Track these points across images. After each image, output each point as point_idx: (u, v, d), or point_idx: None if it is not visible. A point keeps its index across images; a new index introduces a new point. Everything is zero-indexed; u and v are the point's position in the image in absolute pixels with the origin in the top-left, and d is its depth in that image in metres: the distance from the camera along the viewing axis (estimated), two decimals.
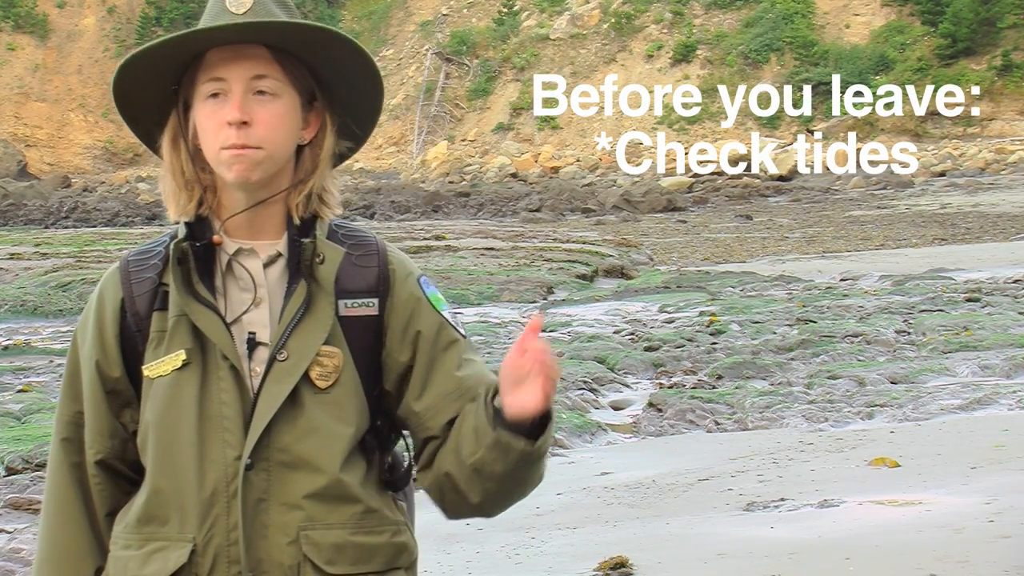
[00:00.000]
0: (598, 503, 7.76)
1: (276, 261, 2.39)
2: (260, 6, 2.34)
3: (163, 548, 2.34)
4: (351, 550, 2.35)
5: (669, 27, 73.46)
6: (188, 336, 2.35)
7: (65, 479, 2.44)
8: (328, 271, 2.37)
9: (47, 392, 12.07)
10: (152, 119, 2.40)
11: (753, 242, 30.66)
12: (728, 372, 12.17)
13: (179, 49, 2.34)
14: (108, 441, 2.42)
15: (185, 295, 2.35)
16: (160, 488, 2.35)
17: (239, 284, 2.38)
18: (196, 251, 2.37)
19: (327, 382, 2.34)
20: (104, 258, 24.87)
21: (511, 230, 32.48)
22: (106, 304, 2.42)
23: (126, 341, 2.40)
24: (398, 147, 73.99)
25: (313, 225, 2.39)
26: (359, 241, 2.44)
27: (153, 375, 2.36)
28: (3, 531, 7.48)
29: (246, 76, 2.33)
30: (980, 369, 11.86)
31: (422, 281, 2.44)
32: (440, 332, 2.41)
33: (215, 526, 2.32)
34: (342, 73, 2.39)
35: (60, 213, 45.37)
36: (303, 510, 2.32)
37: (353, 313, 2.38)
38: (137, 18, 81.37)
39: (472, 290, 20.06)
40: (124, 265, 2.43)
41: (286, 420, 2.32)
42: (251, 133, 2.32)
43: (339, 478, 2.33)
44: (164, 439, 2.35)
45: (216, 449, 2.32)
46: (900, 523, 6.71)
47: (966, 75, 64.78)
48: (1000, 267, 21.73)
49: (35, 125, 78.89)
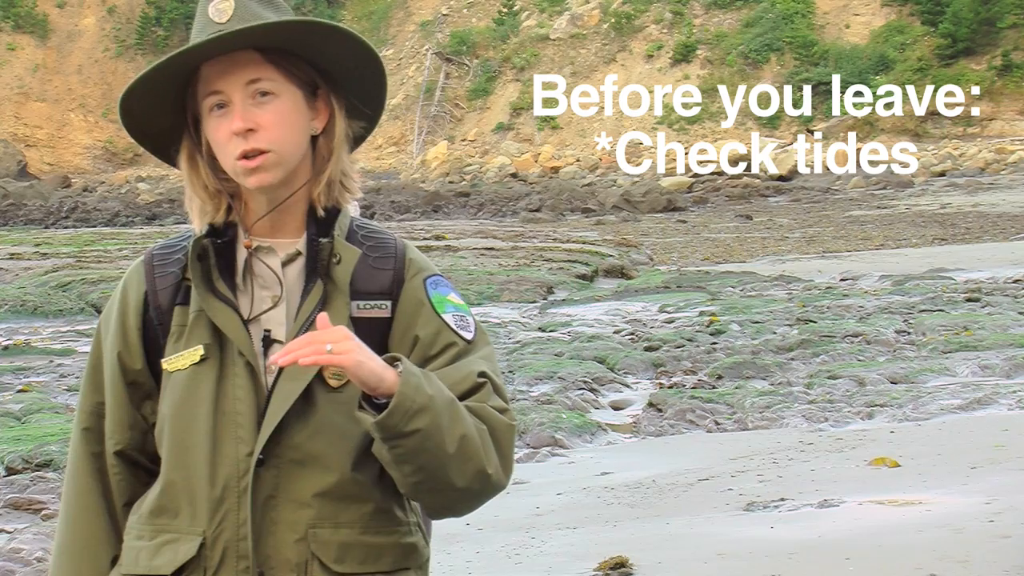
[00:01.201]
0: (598, 503, 7.76)
1: (295, 260, 2.40)
2: (243, 9, 2.34)
3: (173, 540, 2.36)
4: (359, 549, 2.35)
5: (669, 27, 73.45)
6: (207, 332, 2.37)
7: (85, 468, 2.46)
8: (344, 272, 2.37)
9: (47, 392, 12.07)
10: (167, 139, 2.41)
11: (753, 242, 30.66)
12: (728, 372, 12.17)
13: (173, 70, 2.34)
14: (128, 432, 2.44)
15: (204, 291, 2.37)
16: (173, 481, 2.37)
17: (259, 282, 2.39)
18: (217, 248, 2.38)
19: (339, 381, 2.34)
20: (104, 258, 24.87)
21: (511, 230, 32.48)
22: (129, 297, 2.44)
23: (148, 334, 2.42)
24: (398, 147, 73.99)
25: (333, 223, 2.40)
26: (378, 242, 2.45)
27: (171, 369, 2.38)
28: (3, 531, 7.48)
29: (241, 83, 2.33)
30: (980, 369, 11.86)
31: (428, 282, 2.44)
32: (437, 336, 2.40)
33: (225, 521, 2.33)
34: (336, 59, 2.39)
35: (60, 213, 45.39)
36: (312, 508, 2.33)
37: (366, 315, 2.39)
38: (137, 18, 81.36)
39: (472, 290, 20.07)
40: (149, 259, 2.45)
41: (298, 418, 2.33)
42: (259, 137, 2.32)
43: (350, 477, 2.34)
44: (179, 433, 2.36)
45: (229, 445, 2.34)
46: (900, 523, 6.71)
47: (966, 75, 64.76)
48: (1000, 267, 21.73)
49: (35, 125, 78.88)
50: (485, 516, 6.59)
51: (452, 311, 2.43)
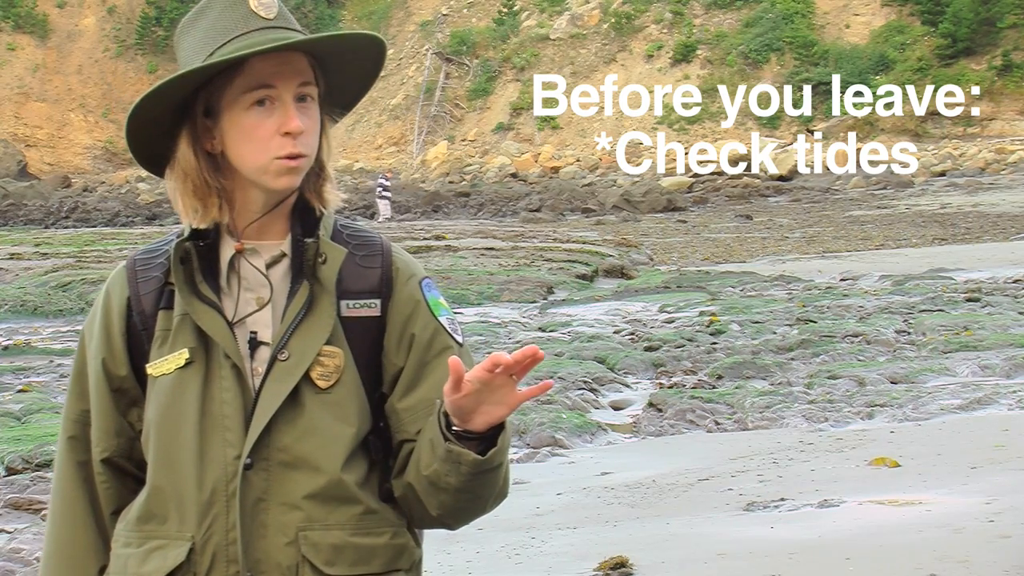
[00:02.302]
0: (598, 503, 7.76)
1: (280, 261, 2.38)
2: (281, 7, 2.36)
3: (162, 546, 2.34)
4: (350, 551, 2.34)
5: (669, 27, 73.42)
6: (191, 335, 2.35)
7: (71, 477, 2.44)
8: (330, 271, 2.36)
9: (47, 392, 12.07)
10: (162, 131, 2.36)
11: (753, 242, 30.67)
12: (728, 372, 12.17)
13: (230, 63, 2.30)
14: (114, 440, 2.42)
15: (188, 294, 2.35)
16: (160, 486, 2.35)
17: (244, 284, 2.37)
18: (200, 250, 2.36)
19: (328, 382, 2.34)
20: (104, 258, 24.87)
21: (511, 230, 32.48)
22: (113, 302, 2.42)
23: (132, 339, 2.40)
24: (398, 147, 73.97)
25: (318, 224, 2.39)
26: (364, 241, 2.44)
27: (156, 373, 2.36)
28: (3, 531, 7.48)
29: (295, 84, 2.32)
30: (980, 369, 11.86)
31: (423, 284, 2.43)
32: (434, 337, 2.40)
33: (214, 525, 2.32)
34: (352, 74, 2.41)
35: (60, 213, 45.41)
36: (302, 510, 2.32)
37: (355, 314, 2.38)
38: (137, 18, 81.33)
39: (472, 290, 20.07)
40: (131, 264, 2.44)
41: (286, 420, 2.32)
42: (301, 141, 2.32)
43: (339, 479, 2.33)
44: (165, 438, 2.35)
45: (216, 448, 2.32)
46: (900, 523, 6.71)
47: (966, 75, 64.74)
48: (1000, 267, 21.73)
49: (35, 125, 78.86)
50: (485, 516, 6.58)
51: (445, 314, 2.43)
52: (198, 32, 2.34)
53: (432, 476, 2.31)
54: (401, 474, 2.40)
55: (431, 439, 2.32)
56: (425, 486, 2.34)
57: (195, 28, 2.35)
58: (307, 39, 2.31)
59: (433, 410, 2.35)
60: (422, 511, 2.38)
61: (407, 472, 2.38)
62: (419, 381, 2.39)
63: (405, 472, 2.39)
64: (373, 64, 2.41)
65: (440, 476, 2.31)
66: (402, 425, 2.39)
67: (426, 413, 2.37)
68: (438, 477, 2.31)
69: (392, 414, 2.41)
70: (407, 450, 2.39)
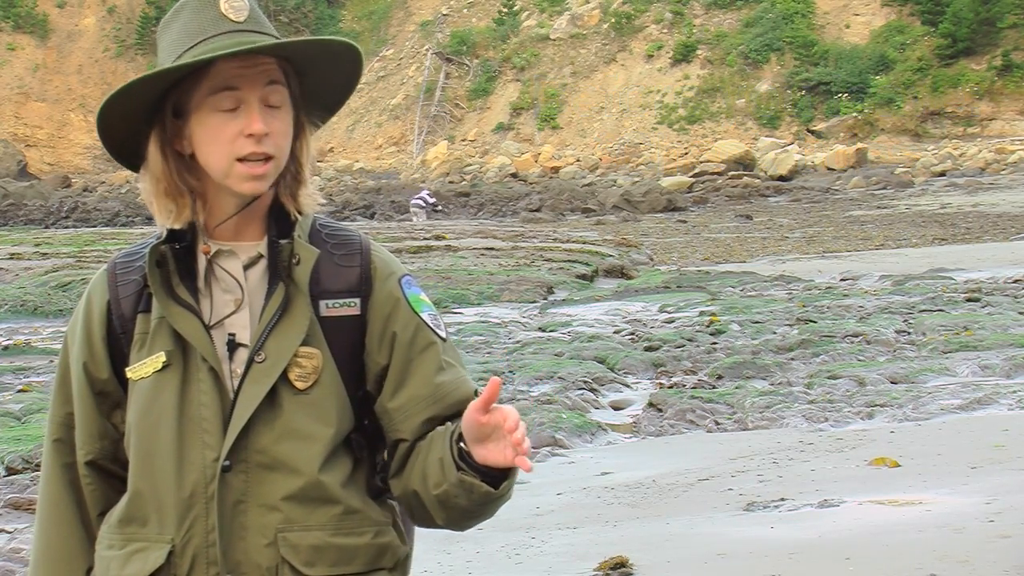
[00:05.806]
0: (598, 503, 7.76)
1: (257, 263, 2.38)
2: (254, 10, 2.35)
3: (143, 549, 2.35)
4: (331, 551, 2.34)
5: (669, 27, 73.44)
6: (169, 338, 2.35)
7: (57, 480, 2.45)
8: (303, 272, 2.35)
9: (47, 392, 12.07)
10: (135, 129, 2.36)
11: (753, 242, 30.67)
12: (728, 372, 12.16)
13: (195, 66, 2.30)
14: (98, 442, 2.42)
15: (164, 298, 2.35)
16: (140, 490, 2.35)
17: (221, 286, 2.37)
18: (176, 253, 2.36)
19: (306, 383, 2.34)
20: (104, 258, 24.86)
21: (511, 230, 32.47)
22: (93, 306, 2.42)
23: (113, 343, 2.40)
24: (398, 147, 73.98)
25: (295, 225, 2.38)
26: (342, 240, 2.43)
27: (135, 377, 2.37)
28: (3, 531, 7.48)
29: (260, 86, 2.32)
30: (980, 369, 11.85)
31: (403, 281, 2.43)
32: (417, 334, 2.40)
33: (193, 527, 2.32)
34: (330, 78, 2.41)
35: (60, 213, 45.42)
36: (281, 512, 2.32)
37: (334, 313, 2.38)
38: (137, 18, 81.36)
39: (472, 290, 20.06)
40: (111, 267, 2.44)
41: (264, 421, 2.32)
42: (266, 142, 2.32)
43: (318, 479, 2.33)
44: (144, 441, 2.35)
45: (195, 451, 2.32)
46: (900, 523, 6.71)
47: (966, 75, 64.78)
48: (1000, 267, 21.72)
49: (35, 125, 78.92)
50: None
51: (427, 310, 2.43)
52: (171, 34, 2.35)
53: (442, 496, 2.34)
54: (400, 474, 2.40)
55: (441, 459, 2.33)
56: (434, 503, 2.36)
57: (169, 29, 2.36)
58: (272, 44, 2.31)
59: (430, 404, 2.37)
60: (428, 518, 2.41)
61: (411, 478, 2.38)
62: (406, 379, 2.39)
63: (405, 474, 2.39)
64: (350, 69, 2.40)
65: (450, 497, 2.33)
66: (395, 425, 2.40)
67: (418, 410, 2.38)
68: (448, 498, 2.33)
69: (383, 415, 2.41)
70: (403, 450, 2.40)
